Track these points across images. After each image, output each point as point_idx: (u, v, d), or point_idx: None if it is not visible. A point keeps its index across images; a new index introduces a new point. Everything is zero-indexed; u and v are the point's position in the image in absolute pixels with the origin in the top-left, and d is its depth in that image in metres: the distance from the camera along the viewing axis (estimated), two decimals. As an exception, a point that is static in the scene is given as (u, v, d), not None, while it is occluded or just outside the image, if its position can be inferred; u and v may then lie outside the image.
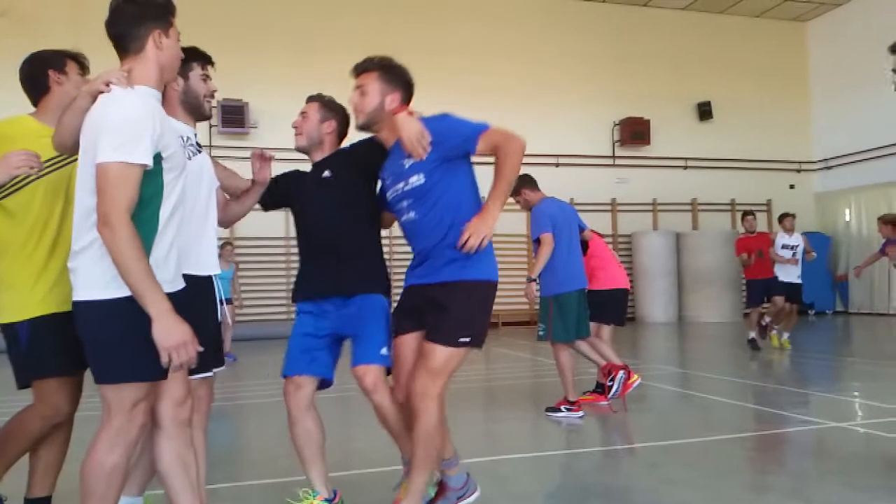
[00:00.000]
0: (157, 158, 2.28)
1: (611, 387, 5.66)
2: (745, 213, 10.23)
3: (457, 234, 2.86)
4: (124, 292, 2.23)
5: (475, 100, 15.04)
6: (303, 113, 3.24)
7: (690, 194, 16.84)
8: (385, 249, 3.32)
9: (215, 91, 2.89)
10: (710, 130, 16.88)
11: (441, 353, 2.86)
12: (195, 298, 2.56)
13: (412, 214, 2.97)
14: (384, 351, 3.03)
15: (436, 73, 14.94)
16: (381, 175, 3.12)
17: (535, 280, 5.61)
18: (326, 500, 3.15)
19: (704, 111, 16.88)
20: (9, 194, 2.73)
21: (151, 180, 2.26)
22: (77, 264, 2.30)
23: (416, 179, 2.92)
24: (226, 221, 3.20)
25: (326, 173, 3.17)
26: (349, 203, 3.12)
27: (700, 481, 3.81)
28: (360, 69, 3.02)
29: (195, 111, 2.83)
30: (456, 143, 2.90)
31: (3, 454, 2.78)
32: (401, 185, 2.98)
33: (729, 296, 15.43)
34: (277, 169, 3.27)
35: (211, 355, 2.72)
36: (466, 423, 5.65)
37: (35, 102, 2.90)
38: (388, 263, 3.27)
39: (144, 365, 2.29)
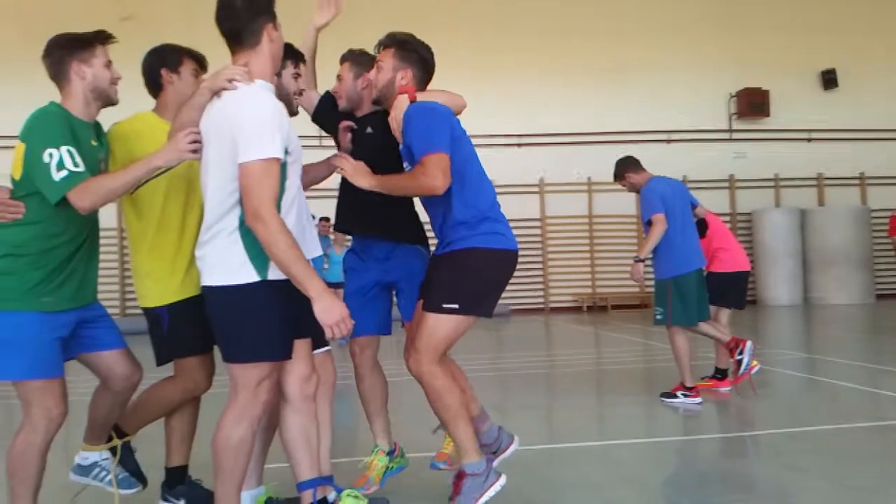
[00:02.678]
0: (284, 151, 2.39)
1: (740, 361, 5.41)
2: None
3: (451, 223, 2.92)
4: (250, 278, 2.38)
5: (577, 79, 14.74)
6: (338, 77, 3.31)
7: (815, 168, 15.83)
8: None
9: (303, 90, 2.96)
10: (836, 99, 15.75)
11: (427, 322, 2.89)
12: None
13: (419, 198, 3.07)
14: None
15: (540, 55, 14.75)
16: None
17: (642, 261, 5.45)
18: (387, 452, 3.35)
19: (829, 79, 15.78)
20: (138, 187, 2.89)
21: (280, 172, 2.38)
22: (205, 252, 2.46)
23: (406, 167, 2.98)
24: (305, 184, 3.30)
25: (369, 129, 3.23)
26: (390, 155, 3.14)
27: (829, 470, 3.61)
28: (380, 45, 3.08)
29: (285, 108, 2.90)
30: (411, 146, 2.90)
31: (139, 416, 3.04)
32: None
33: (859, 276, 14.46)
34: None
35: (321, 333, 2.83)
36: (578, 406, 5.59)
37: (154, 97, 3.04)
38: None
39: (268, 346, 2.44)
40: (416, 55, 3.03)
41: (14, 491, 2.65)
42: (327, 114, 3.42)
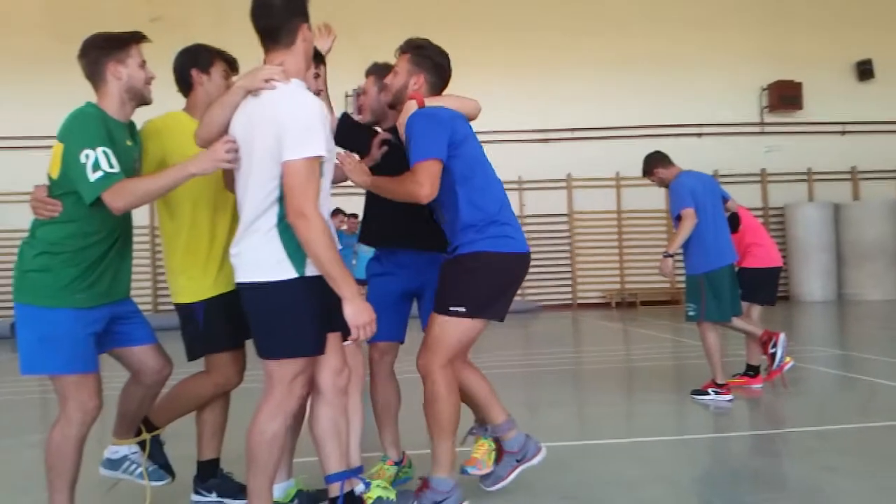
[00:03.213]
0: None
1: (773, 354, 5.34)
2: None
3: (460, 226, 2.93)
4: (288, 275, 2.41)
5: (606, 73, 14.63)
6: (363, 90, 3.37)
7: (849, 162, 15.53)
8: None
9: (322, 91, 2.99)
10: (872, 91, 15.44)
11: (435, 323, 2.92)
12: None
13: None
14: None
15: (568, 50, 14.65)
16: None
17: (672, 256, 5.39)
18: (395, 463, 3.34)
19: (865, 70, 15.46)
20: None
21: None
22: (241, 249, 2.49)
23: None
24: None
25: (393, 141, 3.25)
26: None
27: (861, 469, 3.54)
28: (399, 50, 3.13)
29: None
30: (408, 152, 2.94)
31: (170, 410, 3.09)
32: None
33: (895, 272, 14.16)
34: None
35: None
36: (608, 403, 5.55)
37: (185, 96, 3.08)
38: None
39: (304, 342, 2.47)
40: (430, 61, 3.06)
41: (52, 483, 2.71)
42: (348, 134, 3.44)
